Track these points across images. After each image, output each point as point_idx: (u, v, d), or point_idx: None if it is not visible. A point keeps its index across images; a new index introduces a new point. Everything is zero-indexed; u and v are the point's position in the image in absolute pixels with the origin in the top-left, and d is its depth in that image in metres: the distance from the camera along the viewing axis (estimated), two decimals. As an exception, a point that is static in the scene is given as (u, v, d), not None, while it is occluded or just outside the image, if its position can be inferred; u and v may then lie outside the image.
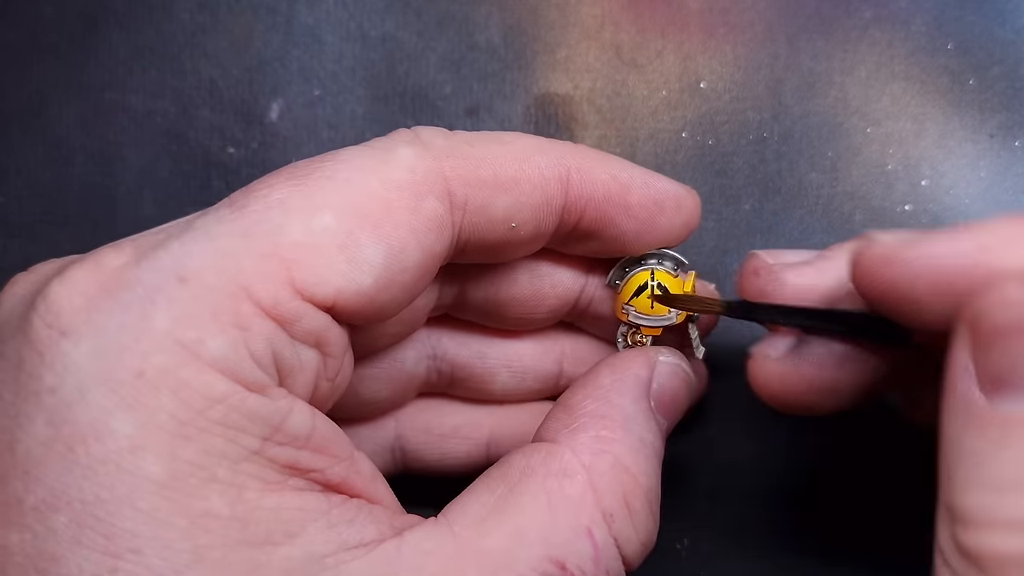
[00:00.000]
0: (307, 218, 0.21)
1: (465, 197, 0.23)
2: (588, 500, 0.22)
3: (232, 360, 0.19)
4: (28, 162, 0.33)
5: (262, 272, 0.20)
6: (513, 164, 0.24)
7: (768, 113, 0.33)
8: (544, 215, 0.24)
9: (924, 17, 0.33)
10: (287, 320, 0.20)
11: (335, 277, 0.21)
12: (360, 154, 0.22)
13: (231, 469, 0.19)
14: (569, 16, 0.33)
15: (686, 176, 0.33)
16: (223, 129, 0.34)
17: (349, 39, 0.34)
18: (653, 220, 0.25)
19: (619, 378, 0.25)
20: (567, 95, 0.33)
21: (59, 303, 0.19)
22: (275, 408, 0.20)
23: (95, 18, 0.34)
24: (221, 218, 0.21)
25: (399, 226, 0.22)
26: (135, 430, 0.19)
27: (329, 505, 0.21)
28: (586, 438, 0.23)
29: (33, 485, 0.18)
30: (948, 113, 0.33)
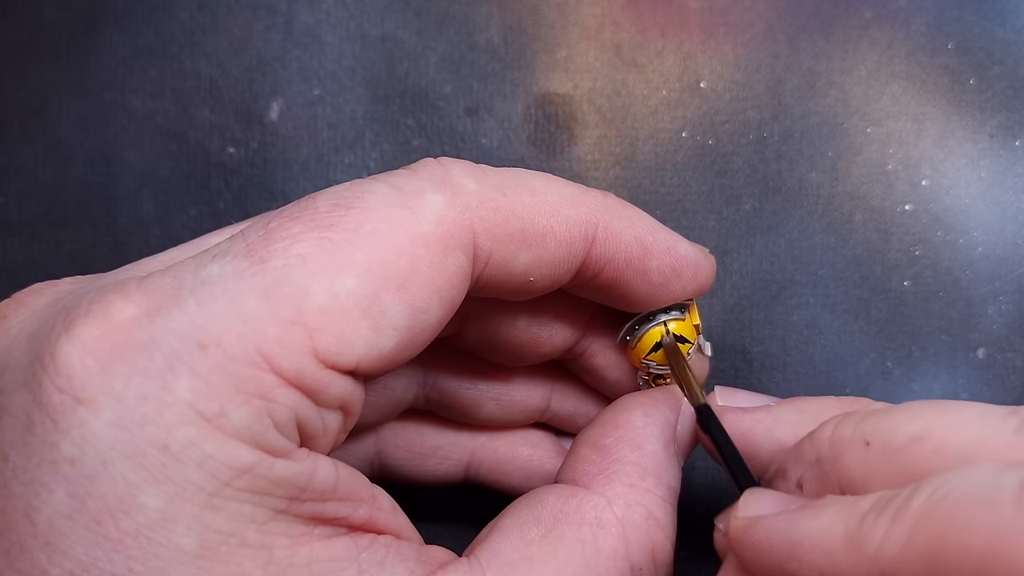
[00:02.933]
0: (330, 280, 0.20)
1: (490, 251, 0.22)
2: (620, 554, 0.22)
3: (256, 431, 0.19)
4: (28, 162, 0.33)
5: (285, 341, 0.19)
6: (542, 219, 0.23)
7: (768, 113, 0.33)
8: (563, 271, 0.24)
9: (924, 17, 0.33)
10: (311, 390, 0.20)
11: (359, 344, 0.20)
12: (386, 200, 0.21)
13: (260, 531, 0.19)
14: (569, 16, 0.33)
15: (686, 176, 0.33)
16: (223, 129, 0.34)
17: (349, 39, 0.34)
18: (667, 286, 0.25)
19: (652, 422, 0.25)
20: (567, 95, 0.33)
21: (70, 366, 0.19)
22: (300, 470, 0.20)
23: (95, 18, 0.34)
24: (240, 272, 0.20)
25: (424, 287, 0.21)
26: (164, 503, 0.18)
27: (358, 549, 0.20)
28: (620, 487, 0.23)
29: (58, 557, 0.18)
30: (948, 113, 0.33)
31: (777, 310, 0.32)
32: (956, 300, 0.32)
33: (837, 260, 0.32)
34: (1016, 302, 0.32)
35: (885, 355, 0.32)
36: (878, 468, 0.20)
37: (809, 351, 0.32)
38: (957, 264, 0.32)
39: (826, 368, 0.32)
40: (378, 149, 0.34)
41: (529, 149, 0.33)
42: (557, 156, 0.33)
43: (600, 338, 0.27)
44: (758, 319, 0.32)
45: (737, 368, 0.32)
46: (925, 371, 0.32)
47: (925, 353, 0.32)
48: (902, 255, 0.32)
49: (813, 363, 0.32)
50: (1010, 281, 0.32)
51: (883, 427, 0.20)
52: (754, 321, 0.32)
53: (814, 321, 0.32)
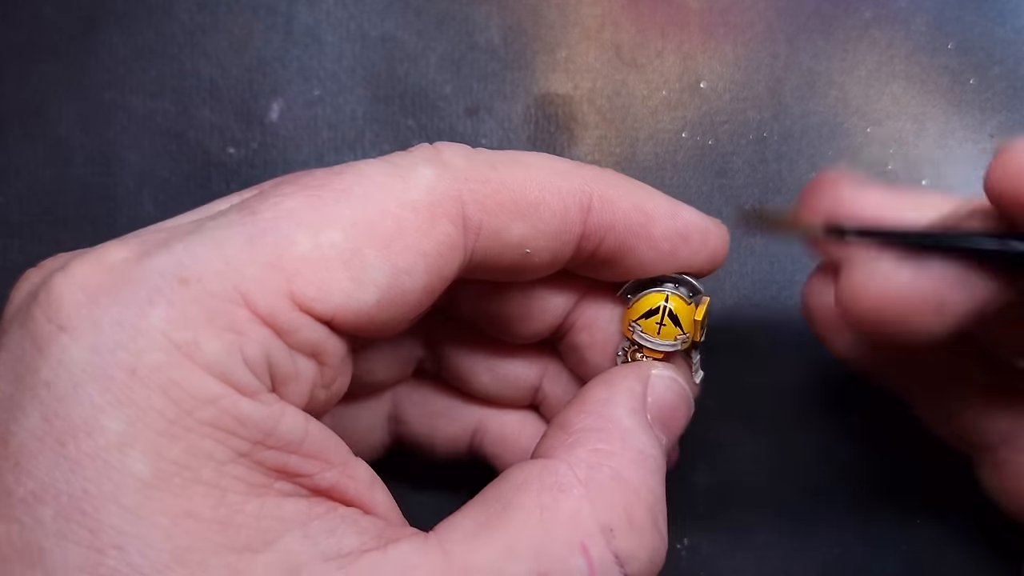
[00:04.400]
0: (315, 232, 0.21)
1: (480, 221, 0.22)
2: (584, 514, 0.22)
3: (225, 363, 0.19)
4: (28, 162, 0.33)
5: (263, 281, 0.20)
6: (534, 190, 0.23)
7: (768, 113, 0.33)
8: (561, 243, 0.24)
9: (924, 17, 0.33)
10: (283, 330, 0.20)
11: (337, 293, 0.21)
12: (379, 169, 0.22)
13: (217, 471, 0.19)
14: (569, 16, 0.33)
15: (686, 176, 0.33)
16: (223, 129, 0.34)
17: (349, 39, 0.34)
18: (676, 252, 0.25)
19: (613, 392, 0.24)
20: (567, 95, 0.33)
21: (60, 297, 0.20)
22: (267, 413, 0.20)
23: (95, 18, 0.34)
24: (231, 222, 0.21)
25: (408, 248, 0.21)
26: (124, 427, 0.19)
27: (310, 514, 0.20)
28: (583, 452, 0.23)
29: (23, 477, 0.19)
30: (948, 113, 0.33)
31: (777, 310, 0.32)
32: (956, 300, 0.32)
33: (837, 260, 0.32)
34: (1016, 302, 0.32)
35: (885, 355, 0.32)
36: None
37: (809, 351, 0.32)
38: (957, 264, 0.32)
39: (826, 368, 0.32)
40: (378, 149, 0.34)
41: (529, 149, 0.33)
42: (557, 156, 0.33)
43: (588, 314, 0.27)
44: (758, 319, 0.32)
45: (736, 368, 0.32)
46: (925, 371, 0.32)
47: (925, 353, 0.32)
48: (902, 255, 0.32)
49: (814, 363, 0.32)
50: (1010, 281, 0.32)
51: None
52: (754, 321, 0.32)
53: (814, 321, 0.32)
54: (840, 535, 0.31)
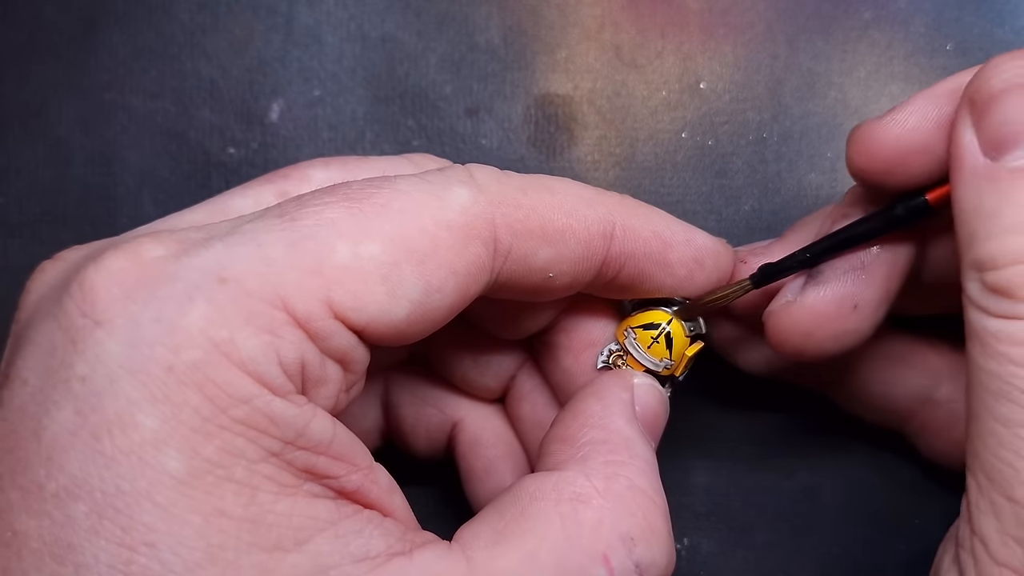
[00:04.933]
0: (355, 243, 0.21)
1: (510, 246, 0.23)
2: (604, 525, 0.22)
3: (261, 363, 0.20)
4: (28, 162, 0.33)
5: (302, 286, 0.20)
6: (561, 217, 0.24)
7: (768, 113, 0.33)
8: (583, 268, 0.24)
9: (923, 18, 0.33)
10: (319, 336, 0.21)
11: (372, 306, 0.21)
12: (416, 187, 0.22)
13: (248, 469, 0.19)
14: (569, 16, 0.33)
15: (686, 177, 0.33)
16: (223, 129, 0.34)
17: (349, 39, 0.34)
18: (692, 277, 0.26)
19: (607, 403, 0.25)
20: (567, 95, 0.33)
21: (95, 291, 0.20)
22: (298, 413, 0.20)
23: (95, 19, 0.34)
24: (271, 227, 0.21)
25: (442, 266, 0.22)
26: (160, 424, 0.19)
27: (340, 515, 0.21)
28: (596, 463, 0.23)
29: (56, 472, 0.19)
30: (947, 114, 0.33)
31: (777, 310, 0.32)
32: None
33: (836, 260, 0.32)
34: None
35: (884, 355, 0.32)
36: None
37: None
38: (956, 264, 0.32)
39: (825, 368, 0.32)
40: (378, 150, 0.34)
41: (529, 150, 0.33)
42: (557, 157, 0.33)
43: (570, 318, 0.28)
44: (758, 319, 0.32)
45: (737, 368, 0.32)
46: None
47: (924, 353, 0.32)
48: (901, 255, 0.32)
49: (813, 363, 0.32)
50: (1009, 281, 0.32)
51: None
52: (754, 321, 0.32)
53: (814, 321, 0.32)
54: (839, 535, 0.31)
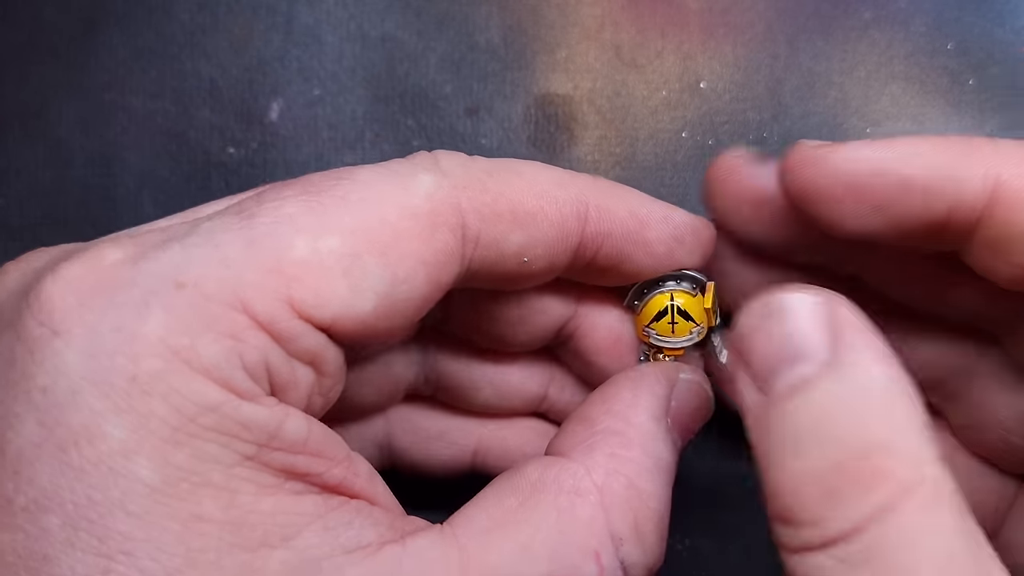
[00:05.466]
0: (314, 237, 0.20)
1: (479, 231, 0.22)
2: (598, 522, 0.22)
3: (224, 369, 0.19)
4: (28, 164, 0.33)
5: (262, 286, 0.20)
6: (531, 199, 0.23)
7: (768, 113, 0.33)
8: (558, 251, 0.24)
9: (924, 18, 0.33)
10: (283, 337, 0.20)
11: (335, 301, 0.20)
12: (378, 176, 0.22)
13: (225, 474, 0.19)
14: (569, 16, 0.33)
15: (686, 176, 0.33)
16: (223, 129, 0.34)
17: (349, 39, 0.34)
18: (672, 255, 0.25)
19: (638, 395, 0.24)
20: (567, 95, 0.33)
21: (52, 301, 0.19)
22: (269, 416, 0.20)
23: (95, 19, 0.34)
24: (228, 225, 0.20)
25: (407, 256, 0.21)
26: (127, 434, 0.18)
27: (327, 508, 0.20)
28: (601, 456, 0.23)
29: (24, 485, 0.18)
30: (948, 113, 0.33)
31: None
32: (955, 300, 0.32)
33: (836, 260, 0.32)
34: (1014, 302, 0.32)
35: (884, 355, 0.32)
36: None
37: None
38: (956, 264, 0.32)
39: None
40: (378, 149, 0.34)
41: (529, 149, 0.33)
42: (557, 156, 0.33)
43: (589, 319, 0.27)
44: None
45: (737, 368, 0.32)
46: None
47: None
48: (901, 255, 0.32)
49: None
50: (1009, 281, 0.32)
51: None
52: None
53: (813, 321, 0.32)
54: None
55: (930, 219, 0.22)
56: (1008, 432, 0.26)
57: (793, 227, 0.25)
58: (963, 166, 0.22)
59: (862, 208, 0.22)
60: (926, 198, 0.22)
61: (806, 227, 0.25)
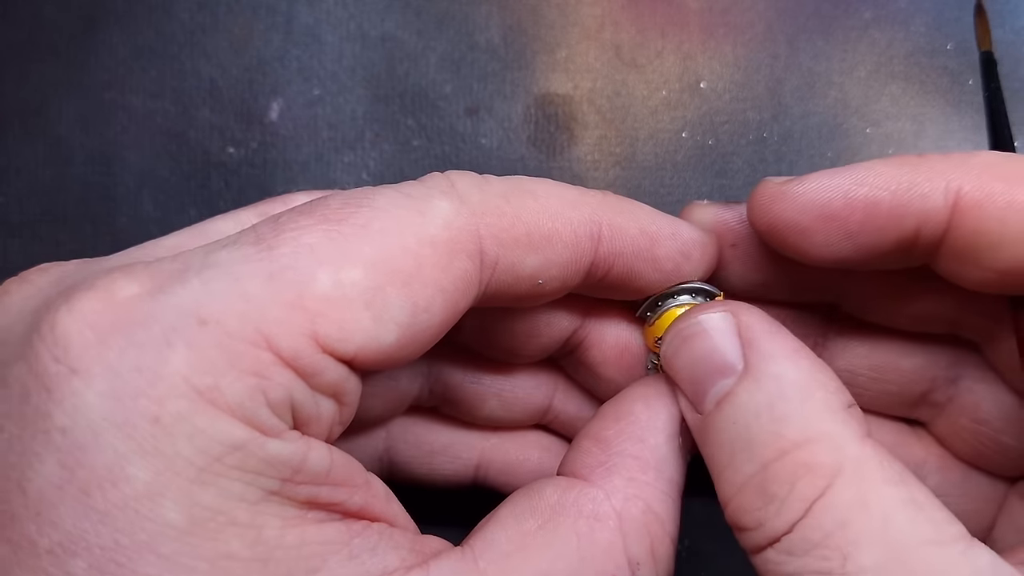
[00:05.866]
0: (336, 270, 0.20)
1: (496, 256, 0.22)
2: (617, 547, 0.22)
3: (249, 408, 0.19)
4: (28, 162, 0.33)
5: (286, 322, 0.19)
6: (547, 222, 0.23)
7: (768, 113, 0.33)
8: (572, 271, 0.24)
9: (923, 18, 0.33)
10: (307, 372, 0.20)
11: (359, 334, 0.20)
12: (396, 203, 0.21)
13: (250, 511, 0.19)
14: (569, 16, 0.33)
15: (686, 176, 0.33)
16: (223, 129, 0.34)
17: (349, 39, 0.34)
18: (679, 270, 0.25)
19: (653, 414, 0.24)
20: (567, 95, 0.33)
21: (68, 337, 0.19)
22: (293, 450, 0.20)
23: (95, 18, 0.34)
24: (247, 257, 0.20)
25: (428, 285, 0.21)
26: (153, 476, 0.18)
27: (350, 535, 0.20)
28: (620, 480, 0.23)
29: (47, 528, 0.18)
30: (948, 113, 0.33)
31: (777, 310, 0.32)
32: (955, 300, 0.32)
33: (837, 260, 0.32)
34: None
35: (884, 355, 0.32)
36: None
37: (809, 351, 0.32)
38: (956, 264, 0.32)
39: (826, 368, 0.32)
40: (378, 149, 0.34)
41: (529, 149, 0.33)
42: (557, 156, 0.33)
43: (597, 330, 0.27)
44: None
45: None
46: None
47: (924, 353, 0.32)
48: (901, 255, 0.32)
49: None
50: (1009, 281, 0.32)
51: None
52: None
53: (814, 321, 0.32)
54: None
55: (899, 237, 0.23)
56: (998, 432, 0.26)
57: (764, 268, 0.26)
58: (924, 182, 0.23)
59: (832, 236, 0.23)
60: (894, 218, 0.23)
61: (777, 266, 0.25)
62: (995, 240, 0.22)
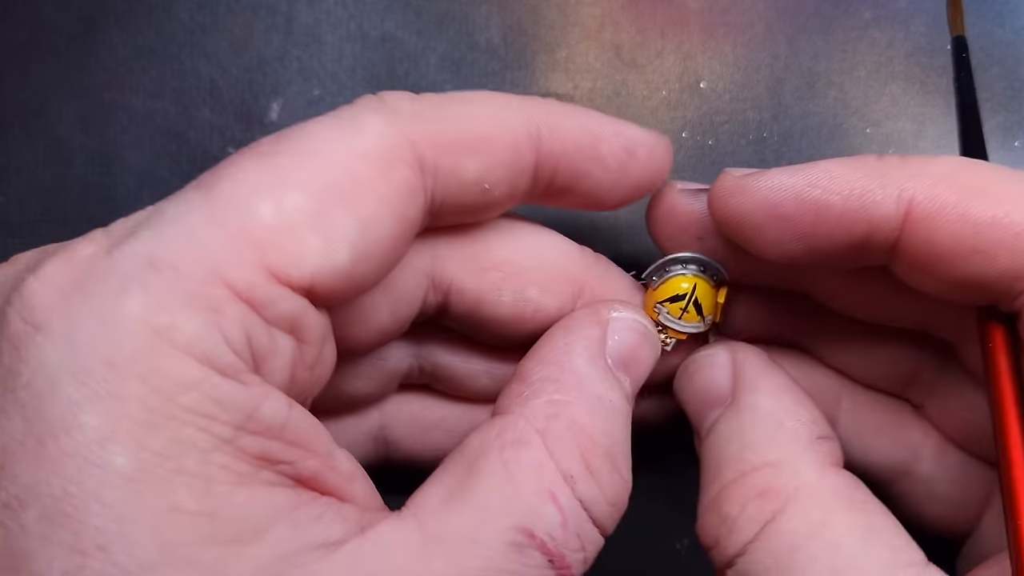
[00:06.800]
0: (278, 199, 0.20)
1: (435, 161, 0.23)
2: (546, 465, 0.22)
3: (206, 344, 0.19)
4: (28, 162, 0.33)
5: (235, 257, 0.20)
6: (482, 124, 0.23)
7: (768, 113, 0.33)
8: (516, 174, 0.24)
9: (924, 17, 0.33)
10: (261, 303, 0.20)
11: (310, 258, 0.20)
12: (326, 125, 0.22)
13: (200, 459, 0.19)
14: (569, 16, 0.33)
15: (686, 176, 0.33)
16: (223, 129, 0.34)
17: (349, 39, 0.34)
18: (626, 169, 0.25)
19: (571, 339, 0.24)
20: (567, 95, 0.33)
21: (33, 298, 0.19)
22: (248, 395, 0.20)
23: (95, 18, 0.34)
24: (190, 202, 0.20)
25: (370, 197, 0.21)
26: (102, 421, 0.18)
27: (298, 502, 0.20)
28: (539, 404, 0.23)
29: (7, 482, 0.18)
30: (948, 113, 0.33)
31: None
32: (955, 300, 0.32)
33: (837, 260, 0.32)
34: (1015, 302, 0.32)
35: (884, 355, 0.32)
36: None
37: (809, 351, 0.32)
38: (956, 264, 0.32)
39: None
40: (378, 149, 0.34)
41: (529, 149, 0.33)
42: (557, 156, 0.33)
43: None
44: (758, 319, 0.32)
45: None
46: (924, 371, 0.32)
47: (924, 353, 0.32)
48: (901, 255, 0.32)
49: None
50: (1009, 281, 0.32)
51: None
52: (754, 321, 0.32)
53: (814, 321, 0.32)
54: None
55: (849, 242, 0.23)
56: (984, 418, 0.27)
57: (732, 253, 0.26)
58: (877, 188, 0.22)
59: (784, 235, 0.23)
60: (843, 223, 0.23)
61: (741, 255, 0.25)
62: (946, 253, 0.22)
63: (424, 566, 0.20)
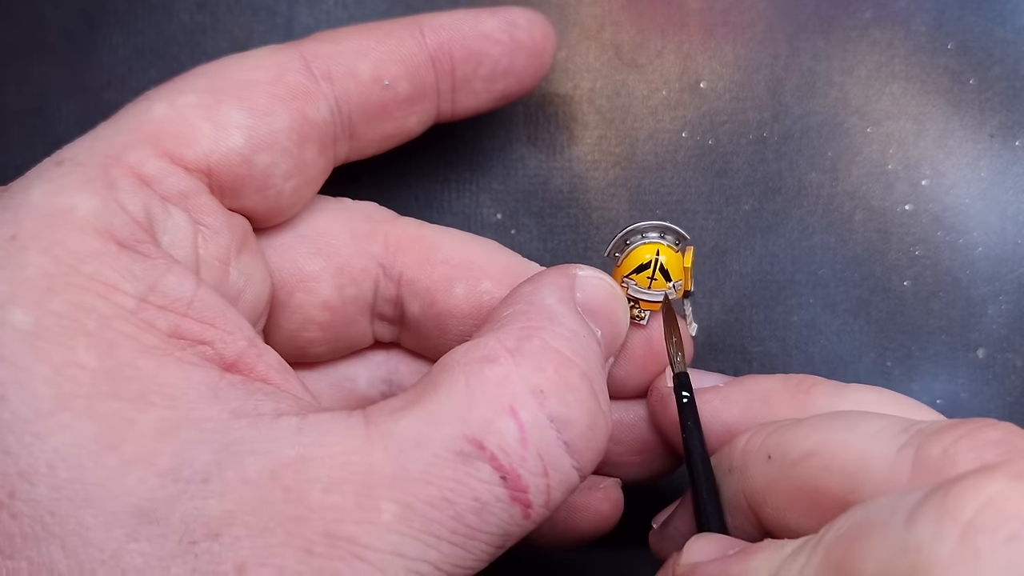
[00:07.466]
0: (171, 99, 0.23)
1: (327, 67, 0.25)
2: (512, 378, 0.21)
3: (104, 217, 0.20)
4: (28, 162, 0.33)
5: (131, 143, 0.22)
6: (367, 33, 0.26)
7: (768, 113, 0.33)
8: (414, 66, 0.26)
9: (924, 17, 0.33)
10: (156, 179, 0.22)
11: (202, 140, 0.23)
12: (224, 58, 0.25)
13: (102, 323, 0.19)
14: (569, 16, 0.33)
15: (686, 176, 0.33)
16: (223, 129, 0.34)
17: (349, 39, 0.34)
18: (515, 39, 0.27)
19: (539, 285, 0.24)
20: (567, 95, 0.33)
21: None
22: (149, 265, 0.21)
23: (95, 18, 0.34)
24: (99, 126, 0.23)
25: (262, 95, 0.24)
26: (5, 287, 0.19)
27: (222, 382, 0.20)
28: (512, 329, 0.22)
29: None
30: (948, 113, 0.33)
31: (777, 310, 0.32)
32: (956, 300, 0.32)
33: (837, 260, 0.32)
34: (1016, 302, 0.32)
35: (885, 355, 0.32)
36: (776, 481, 0.21)
37: (809, 351, 0.32)
38: (957, 264, 0.32)
39: (826, 368, 0.32)
40: (378, 149, 0.33)
41: (529, 149, 0.33)
42: (557, 156, 0.33)
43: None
44: (758, 319, 0.32)
45: (737, 368, 0.32)
46: (925, 371, 0.32)
47: (925, 353, 0.32)
48: (902, 255, 0.32)
49: (813, 363, 0.32)
50: (1010, 281, 0.32)
51: (783, 441, 0.22)
52: (754, 321, 0.32)
53: (814, 321, 0.32)
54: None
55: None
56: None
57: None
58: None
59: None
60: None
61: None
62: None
63: (361, 457, 0.19)
